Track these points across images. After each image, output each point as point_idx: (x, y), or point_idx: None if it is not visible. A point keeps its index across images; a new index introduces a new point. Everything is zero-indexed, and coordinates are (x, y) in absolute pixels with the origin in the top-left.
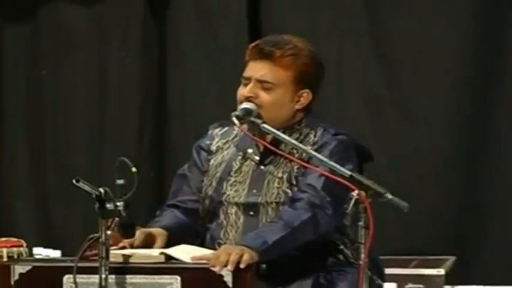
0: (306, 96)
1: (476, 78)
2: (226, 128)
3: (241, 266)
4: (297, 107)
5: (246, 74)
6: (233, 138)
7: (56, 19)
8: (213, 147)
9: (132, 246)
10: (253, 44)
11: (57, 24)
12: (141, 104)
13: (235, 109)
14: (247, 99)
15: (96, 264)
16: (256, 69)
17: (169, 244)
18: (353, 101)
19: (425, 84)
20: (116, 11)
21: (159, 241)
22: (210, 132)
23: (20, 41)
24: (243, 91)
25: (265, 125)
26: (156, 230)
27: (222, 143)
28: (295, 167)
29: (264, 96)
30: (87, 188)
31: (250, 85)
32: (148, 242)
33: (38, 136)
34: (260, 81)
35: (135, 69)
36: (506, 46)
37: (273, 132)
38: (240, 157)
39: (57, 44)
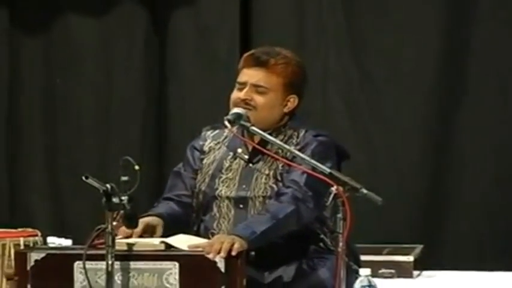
0: (292, 100)
1: (443, 85)
2: (217, 131)
3: (233, 253)
4: (285, 110)
5: (241, 79)
6: (224, 139)
7: (67, 32)
8: (206, 148)
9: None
10: (248, 53)
11: (68, 37)
12: (143, 108)
13: (227, 113)
14: (243, 101)
15: (103, 252)
16: (251, 75)
17: (165, 231)
18: (335, 105)
19: (399, 90)
20: (121, 25)
21: (158, 230)
22: (203, 134)
23: (36, 52)
24: (238, 94)
25: (253, 128)
26: (154, 219)
27: (214, 143)
28: (280, 165)
29: (258, 98)
30: (95, 183)
31: (246, 89)
32: (147, 231)
33: (51, 137)
34: (255, 86)
35: (139, 77)
36: (471, 58)
37: (261, 134)
38: (230, 156)
39: (69, 55)
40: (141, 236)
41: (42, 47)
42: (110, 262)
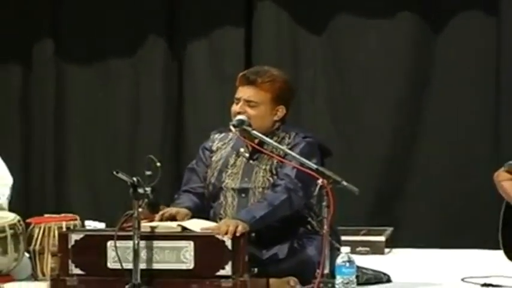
0: (281, 110)
1: (409, 95)
2: (223, 134)
3: (237, 234)
4: (275, 118)
5: (237, 95)
6: (229, 140)
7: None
8: (214, 147)
9: (161, 220)
10: (241, 73)
11: (106, 63)
12: (164, 117)
13: (231, 120)
14: (239, 113)
15: (131, 233)
16: (244, 92)
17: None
18: (321, 112)
19: (373, 99)
20: (147, 51)
21: (187, 218)
22: (211, 136)
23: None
24: (235, 108)
25: (254, 131)
26: (183, 210)
27: (220, 144)
28: (275, 162)
29: (250, 111)
30: (124, 177)
31: (240, 104)
32: (178, 217)
33: (90, 138)
34: (247, 101)
35: (162, 93)
36: (433, 72)
37: (259, 137)
38: (234, 154)
39: (107, 75)
40: (162, 220)
41: (88, 72)
42: (136, 242)
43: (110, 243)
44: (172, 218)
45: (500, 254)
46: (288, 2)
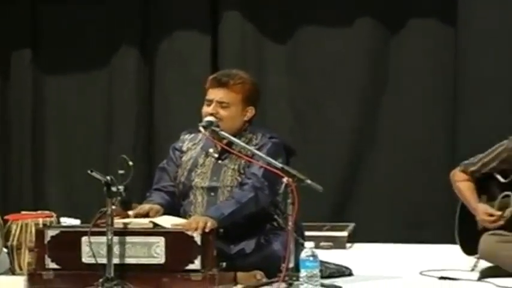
0: (250, 111)
1: (367, 95)
2: (193, 134)
3: (206, 230)
4: (245, 119)
5: (208, 97)
6: (198, 141)
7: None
8: (184, 148)
9: (136, 216)
10: (212, 76)
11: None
12: (136, 120)
13: (201, 121)
14: (212, 115)
15: (104, 229)
16: (215, 94)
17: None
18: (286, 113)
19: (334, 101)
20: (120, 58)
21: (159, 214)
22: (181, 137)
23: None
24: (207, 109)
25: (222, 132)
26: (157, 207)
27: (190, 144)
28: (243, 161)
29: (222, 112)
30: (98, 176)
31: (213, 105)
32: (150, 214)
33: (66, 139)
34: (219, 102)
35: (133, 96)
36: (391, 73)
37: (228, 137)
38: (203, 155)
39: (82, 82)
40: (136, 217)
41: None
42: (109, 237)
43: (84, 239)
44: (146, 215)
45: (456, 248)
46: (252, 11)
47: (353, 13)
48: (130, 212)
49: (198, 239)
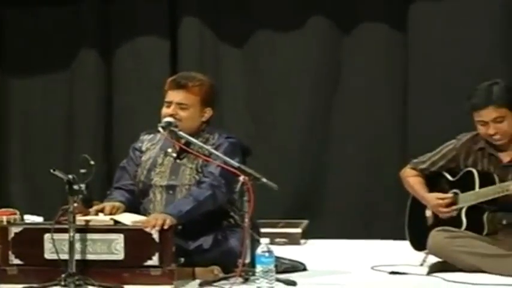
0: (208, 112)
1: (321, 94)
2: (152, 135)
3: (165, 227)
4: (203, 119)
5: (168, 99)
6: (157, 141)
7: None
8: (144, 148)
9: (98, 213)
10: (171, 78)
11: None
12: (97, 121)
13: (159, 122)
14: (171, 116)
15: (66, 226)
16: (175, 95)
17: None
18: (242, 114)
19: (288, 101)
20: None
21: (120, 211)
22: (141, 137)
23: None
24: (167, 110)
25: (180, 132)
26: (118, 204)
27: (149, 144)
28: (201, 161)
29: (181, 113)
30: (60, 175)
31: (172, 106)
32: (112, 211)
33: (29, 140)
34: (179, 104)
35: (93, 99)
36: (344, 73)
37: (186, 137)
38: (162, 154)
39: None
40: (97, 214)
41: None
42: (71, 234)
43: (47, 236)
44: (111, 213)
45: (406, 244)
46: (209, 16)
47: (305, 13)
48: (91, 210)
49: (155, 236)
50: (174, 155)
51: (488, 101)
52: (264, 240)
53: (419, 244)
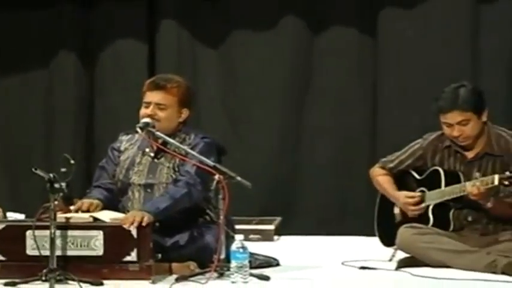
0: (185, 112)
1: (294, 95)
2: (130, 135)
3: (143, 224)
4: (180, 120)
5: (147, 99)
6: (135, 141)
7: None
8: (122, 148)
9: (77, 211)
10: (150, 80)
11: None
12: (77, 120)
13: (138, 122)
14: (150, 116)
15: (48, 223)
16: (153, 96)
17: (102, 209)
18: (218, 115)
19: (262, 101)
20: (62, 61)
21: (98, 209)
22: (119, 137)
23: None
24: (146, 111)
25: (157, 133)
26: (96, 201)
27: (128, 145)
28: (178, 160)
29: (160, 113)
30: (42, 173)
31: (151, 107)
32: (91, 209)
33: (11, 139)
34: (157, 104)
35: (73, 99)
36: (316, 74)
37: (163, 137)
38: (140, 154)
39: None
40: (77, 211)
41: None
42: (52, 231)
43: (29, 233)
44: (88, 210)
45: (376, 240)
46: (187, 19)
47: (278, 13)
48: (71, 207)
49: (134, 232)
50: (152, 154)
51: (454, 104)
52: (239, 237)
53: (388, 240)
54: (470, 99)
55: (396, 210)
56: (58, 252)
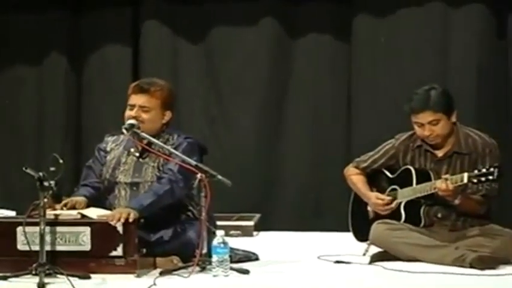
0: (168, 114)
1: (272, 97)
2: (116, 136)
3: (129, 220)
4: (163, 121)
5: (131, 102)
6: (121, 142)
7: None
8: (108, 148)
9: (63, 208)
10: (134, 84)
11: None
12: (66, 121)
13: (123, 124)
14: (134, 118)
15: (37, 220)
16: (138, 99)
17: (87, 206)
18: (198, 117)
19: (241, 104)
20: (51, 65)
21: (84, 206)
22: (105, 138)
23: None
24: (130, 113)
25: (142, 133)
26: (81, 199)
27: (114, 145)
28: (162, 159)
29: (144, 115)
30: (32, 172)
31: (135, 109)
32: (76, 206)
33: (1, 139)
34: (141, 107)
35: (63, 102)
36: (293, 75)
37: (147, 138)
38: (126, 154)
39: (15, 83)
40: (62, 209)
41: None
42: (42, 227)
43: (19, 229)
44: (73, 207)
45: (350, 236)
46: (168, 21)
47: (256, 15)
48: (57, 206)
49: (120, 228)
50: (137, 154)
51: (426, 105)
52: (220, 233)
53: (361, 236)
54: (441, 101)
55: (369, 208)
56: (47, 248)
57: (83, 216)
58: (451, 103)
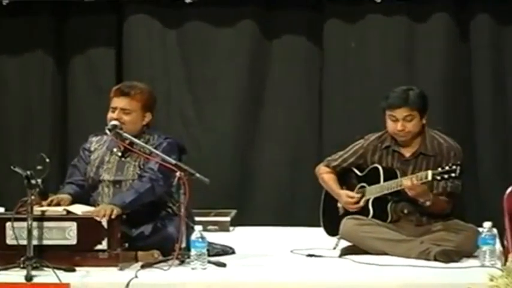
0: (148, 116)
1: (249, 99)
2: (99, 136)
3: (113, 216)
4: (143, 123)
5: (113, 105)
6: (104, 142)
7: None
8: (92, 148)
9: (49, 205)
10: (116, 87)
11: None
12: (52, 122)
13: (107, 125)
14: (115, 120)
15: (25, 216)
16: (119, 102)
17: (72, 203)
18: (175, 118)
19: (217, 105)
20: (35, 66)
21: (68, 203)
22: (90, 139)
23: None
24: (112, 115)
25: (124, 134)
26: (66, 196)
27: (97, 145)
28: (143, 158)
29: (125, 117)
30: (20, 171)
31: (117, 112)
32: (61, 203)
33: None
34: (123, 109)
35: (49, 102)
36: (269, 78)
37: (129, 138)
38: (109, 153)
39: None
40: (49, 205)
41: None
42: (29, 223)
43: (8, 224)
44: (58, 204)
45: (321, 231)
46: (152, 17)
47: (235, 16)
48: (43, 203)
49: (104, 223)
50: (119, 154)
51: (404, 102)
52: (198, 228)
53: (332, 230)
54: (419, 100)
55: (339, 204)
56: (35, 242)
57: (69, 212)
58: (426, 104)
